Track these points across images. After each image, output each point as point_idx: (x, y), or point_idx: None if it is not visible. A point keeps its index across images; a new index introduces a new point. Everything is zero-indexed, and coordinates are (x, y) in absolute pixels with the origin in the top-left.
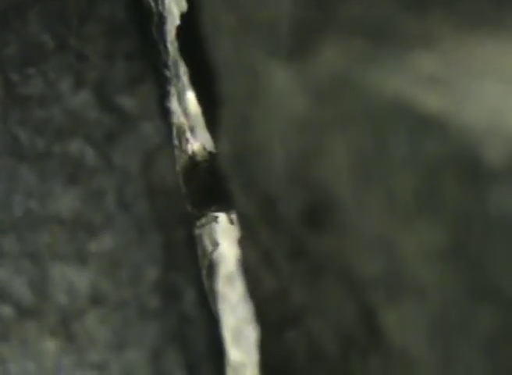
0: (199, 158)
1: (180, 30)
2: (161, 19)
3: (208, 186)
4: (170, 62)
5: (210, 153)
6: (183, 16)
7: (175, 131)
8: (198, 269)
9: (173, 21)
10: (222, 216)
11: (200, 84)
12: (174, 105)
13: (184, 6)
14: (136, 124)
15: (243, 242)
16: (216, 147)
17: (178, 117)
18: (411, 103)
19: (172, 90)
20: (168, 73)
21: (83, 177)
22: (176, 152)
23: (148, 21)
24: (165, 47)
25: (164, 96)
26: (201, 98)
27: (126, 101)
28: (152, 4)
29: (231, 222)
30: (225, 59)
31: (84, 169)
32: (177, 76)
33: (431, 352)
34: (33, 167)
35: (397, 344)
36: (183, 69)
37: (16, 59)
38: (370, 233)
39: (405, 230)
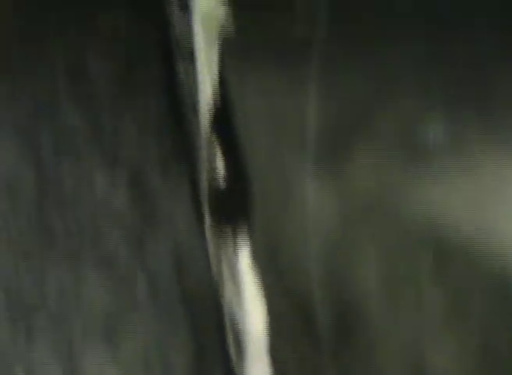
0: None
1: (214, 120)
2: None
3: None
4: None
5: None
6: (217, 109)
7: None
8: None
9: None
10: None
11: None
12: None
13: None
14: (169, 226)
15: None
16: (249, 242)
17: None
18: (443, 226)
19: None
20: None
21: (116, 276)
22: None
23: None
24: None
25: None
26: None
27: (161, 202)
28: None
29: None
30: (260, 161)
31: (118, 268)
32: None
33: None
34: (67, 263)
35: None
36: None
37: (51, 151)
38: (399, 346)
39: (433, 344)
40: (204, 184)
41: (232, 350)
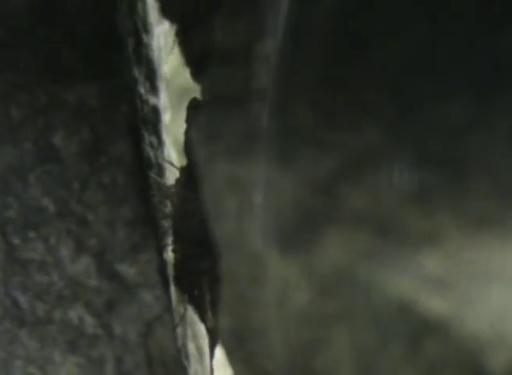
0: None
1: (180, 189)
2: (160, 171)
3: None
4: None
5: None
6: (183, 170)
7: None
8: None
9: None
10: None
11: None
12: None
13: (184, 160)
14: (136, 293)
15: None
16: (215, 319)
17: None
18: (414, 305)
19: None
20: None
21: (83, 345)
22: None
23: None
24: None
25: (164, 264)
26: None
27: (127, 270)
28: (151, 154)
29: None
30: (227, 239)
31: (84, 337)
32: None
33: None
34: (33, 333)
35: None
36: None
37: (17, 223)
38: None
39: None
40: (170, 257)
41: None
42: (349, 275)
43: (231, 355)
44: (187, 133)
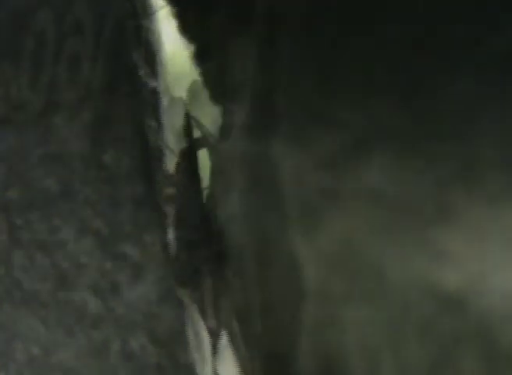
0: None
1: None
2: (160, 154)
3: None
4: None
5: None
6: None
7: None
8: None
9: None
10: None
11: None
12: None
13: (184, 144)
14: (140, 274)
15: None
16: (217, 317)
17: None
18: (430, 281)
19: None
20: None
21: (87, 326)
22: None
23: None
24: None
25: (167, 245)
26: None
27: (131, 250)
28: (151, 138)
29: None
30: (232, 217)
31: (88, 319)
32: None
33: None
34: (35, 314)
35: None
36: None
37: (20, 203)
38: None
39: None
40: (173, 243)
41: None
42: (359, 253)
43: (235, 341)
44: (188, 115)
